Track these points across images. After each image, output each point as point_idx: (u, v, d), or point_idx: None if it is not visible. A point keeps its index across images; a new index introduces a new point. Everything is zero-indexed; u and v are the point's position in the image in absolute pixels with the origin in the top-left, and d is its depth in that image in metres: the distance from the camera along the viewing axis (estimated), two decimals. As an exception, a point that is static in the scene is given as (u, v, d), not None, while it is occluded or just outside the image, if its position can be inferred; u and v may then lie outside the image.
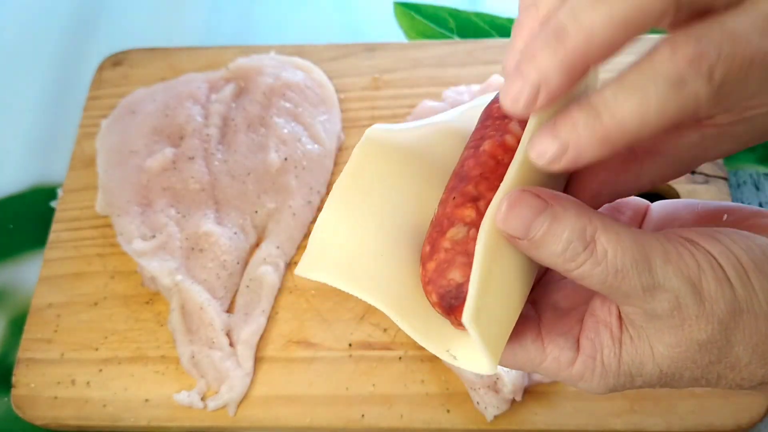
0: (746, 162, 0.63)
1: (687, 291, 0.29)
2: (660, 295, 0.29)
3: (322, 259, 0.32)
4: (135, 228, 0.58)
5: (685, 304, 0.29)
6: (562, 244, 0.29)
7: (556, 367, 0.33)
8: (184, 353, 0.54)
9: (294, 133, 0.61)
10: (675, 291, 0.29)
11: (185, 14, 0.75)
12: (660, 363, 0.31)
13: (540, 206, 0.29)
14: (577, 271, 0.29)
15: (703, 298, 0.30)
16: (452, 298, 0.31)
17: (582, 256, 0.29)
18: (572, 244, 0.29)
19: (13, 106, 0.70)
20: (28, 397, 0.54)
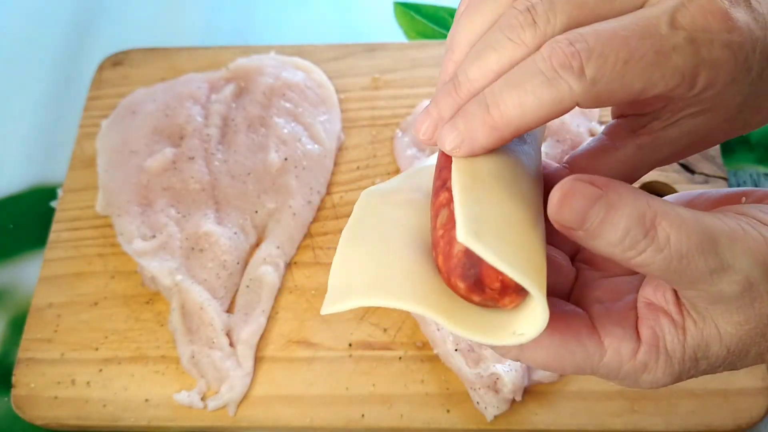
0: (746, 162, 0.64)
1: (758, 269, 0.29)
2: (729, 277, 0.28)
3: (348, 288, 0.31)
4: (135, 228, 0.58)
5: (755, 282, 0.29)
6: (621, 233, 0.28)
7: (617, 361, 0.31)
8: (184, 353, 0.54)
9: (294, 133, 0.61)
10: (745, 271, 0.29)
11: (185, 14, 0.76)
12: (728, 343, 0.31)
13: (595, 195, 0.28)
14: (638, 259, 0.28)
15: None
16: (469, 268, 0.29)
17: (642, 244, 0.28)
18: (631, 232, 0.28)
19: (14, 106, 0.70)
20: (28, 396, 0.54)
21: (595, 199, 0.28)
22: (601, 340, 0.31)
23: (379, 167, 0.62)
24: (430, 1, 0.74)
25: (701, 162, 0.60)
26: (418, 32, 0.73)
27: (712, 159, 0.60)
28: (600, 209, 0.28)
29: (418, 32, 0.73)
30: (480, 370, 0.50)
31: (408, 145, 0.61)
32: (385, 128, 0.64)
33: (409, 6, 0.74)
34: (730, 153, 0.64)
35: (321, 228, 0.60)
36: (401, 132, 0.63)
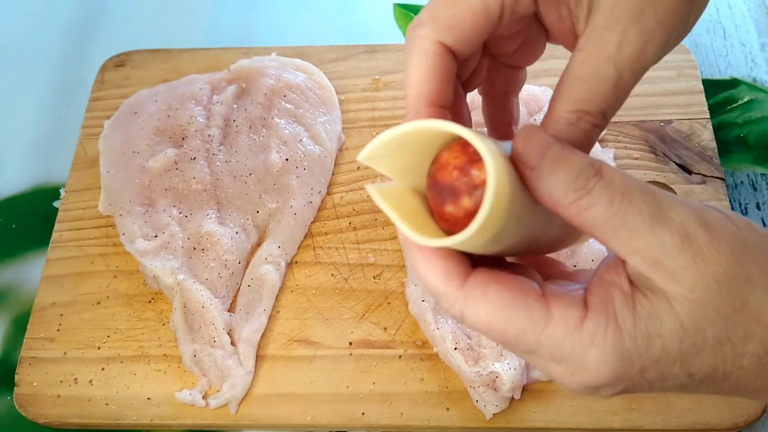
0: (743, 162, 0.64)
1: (694, 219, 0.29)
2: (667, 225, 0.29)
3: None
4: (137, 228, 0.58)
5: (693, 232, 0.29)
6: (575, 170, 0.30)
7: (563, 329, 0.30)
8: (185, 352, 0.54)
9: (295, 134, 0.62)
10: (681, 220, 0.29)
11: (187, 16, 0.76)
12: (680, 313, 0.29)
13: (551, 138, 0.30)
14: (585, 200, 0.29)
15: (710, 226, 0.30)
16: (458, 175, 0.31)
17: (592, 181, 0.29)
18: (584, 170, 0.30)
19: (16, 106, 0.71)
20: (31, 395, 0.54)
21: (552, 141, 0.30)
22: (548, 306, 0.31)
23: (380, 168, 0.63)
24: (430, 3, 0.75)
25: (699, 163, 0.60)
26: (418, 34, 0.73)
27: (710, 159, 0.61)
28: (558, 147, 0.30)
29: (418, 34, 0.73)
30: (479, 369, 0.51)
31: (408, 146, 0.62)
32: (386, 129, 0.64)
33: (409, 7, 0.75)
34: (728, 154, 0.64)
35: (322, 228, 0.60)
36: (401, 133, 0.63)
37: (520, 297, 0.30)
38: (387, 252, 0.58)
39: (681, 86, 0.64)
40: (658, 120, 0.63)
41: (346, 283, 0.57)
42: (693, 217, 0.30)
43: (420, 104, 0.34)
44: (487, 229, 0.29)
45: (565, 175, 0.30)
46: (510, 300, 0.30)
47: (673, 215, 0.29)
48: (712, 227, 0.30)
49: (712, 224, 0.30)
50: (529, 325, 0.30)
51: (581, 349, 0.30)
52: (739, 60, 0.69)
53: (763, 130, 0.65)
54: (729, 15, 0.73)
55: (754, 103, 0.67)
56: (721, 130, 0.65)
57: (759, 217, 0.61)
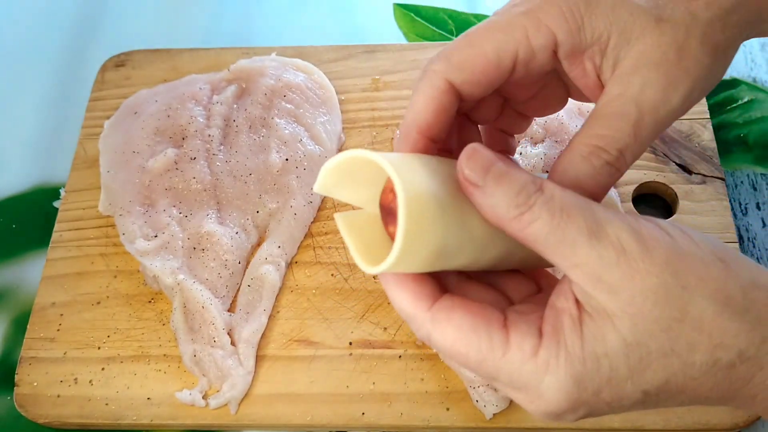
0: (743, 163, 0.64)
1: (628, 232, 0.30)
2: (604, 240, 0.30)
3: None
4: (137, 228, 0.58)
5: (629, 247, 0.30)
6: (517, 187, 0.31)
7: (519, 357, 0.31)
8: (185, 352, 0.54)
9: (295, 134, 0.62)
10: (617, 234, 0.30)
11: (187, 16, 0.76)
12: (621, 329, 0.30)
13: (494, 157, 0.32)
14: (527, 215, 0.30)
15: (644, 238, 0.30)
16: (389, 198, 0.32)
17: (533, 197, 0.31)
18: (526, 186, 0.31)
19: (16, 106, 0.71)
20: (31, 395, 0.54)
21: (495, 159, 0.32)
22: (507, 336, 0.32)
23: (380, 168, 0.63)
24: (429, 3, 0.75)
25: (699, 163, 0.60)
26: (418, 34, 0.73)
27: (710, 159, 0.61)
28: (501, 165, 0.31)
29: (418, 34, 0.73)
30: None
31: (408, 146, 0.62)
32: (386, 129, 0.64)
33: (409, 8, 0.75)
34: (728, 153, 0.64)
35: (322, 228, 0.60)
36: (401, 133, 0.63)
37: (482, 324, 0.32)
38: (387, 252, 0.58)
39: (681, 86, 0.64)
40: (658, 120, 0.63)
41: (346, 283, 0.57)
42: (627, 230, 0.30)
43: (411, 131, 0.35)
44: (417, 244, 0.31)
45: (507, 191, 0.31)
46: (472, 326, 0.32)
47: (609, 230, 0.30)
48: (645, 238, 0.30)
49: (644, 236, 0.31)
50: (489, 351, 0.31)
51: (537, 376, 0.31)
52: (739, 60, 0.69)
53: (763, 130, 0.65)
54: (729, 15, 0.73)
55: (754, 103, 0.67)
56: (721, 130, 0.65)
57: (759, 217, 0.61)
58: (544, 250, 0.31)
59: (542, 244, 0.31)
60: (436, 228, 0.31)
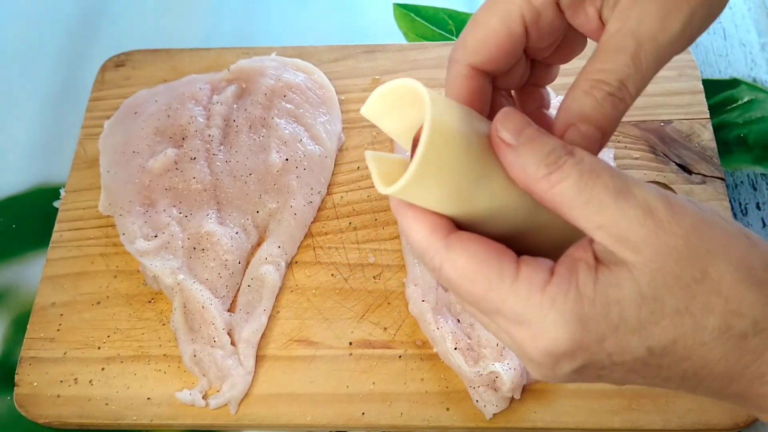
0: (743, 162, 0.64)
1: (656, 196, 0.31)
2: (631, 200, 0.30)
3: None
4: (137, 228, 0.58)
5: (655, 207, 0.30)
6: (548, 148, 0.31)
7: (527, 288, 0.31)
8: (185, 352, 0.54)
9: (295, 134, 0.62)
10: (644, 196, 0.31)
11: (187, 16, 0.76)
12: (639, 280, 0.30)
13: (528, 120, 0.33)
14: (556, 174, 0.31)
15: (672, 203, 0.31)
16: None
17: (563, 158, 0.31)
18: (556, 149, 0.32)
19: (16, 106, 0.71)
20: (31, 395, 0.54)
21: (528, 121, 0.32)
22: (518, 268, 0.32)
23: (380, 168, 0.63)
24: (429, 3, 0.75)
25: (699, 162, 0.60)
26: (418, 34, 0.73)
27: (710, 159, 0.61)
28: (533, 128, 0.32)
29: (418, 34, 0.73)
30: (479, 369, 0.51)
31: (408, 146, 0.62)
32: (386, 129, 0.64)
33: (409, 8, 0.75)
34: (728, 153, 0.64)
35: (322, 228, 0.60)
36: (401, 133, 0.63)
37: (495, 255, 0.32)
38: (387, 252, 0.58)
39: (681, 86, 0.64)
40: (658, 120, 0.63)
41: (346, 283, 0.57)
42: (656, 194, 0.31)
43: None
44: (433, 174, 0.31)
45: (539, 151, 0.31)
46: (485, 255, 0.32)
47: (637, 192, 0.31)
48: (674, 204, 0.31)
49: (673, 202, 0.31)
50: (498, 280, 0.31)
51: (542, 310, 0.31)
52: (739, 60, 0.69)
53: (763, 130, 0.65)
54: (729, 15, 0.73)
55: (754, 103, 0.67)
56: (721, 130, 0.65)
57: (759, 217, 0.61)
58: (570, 212, 0.31)
59: (568, 205, 0.31)
60: (454, 164, 0.31)
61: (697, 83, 0.64)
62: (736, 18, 0.72)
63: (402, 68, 0.67)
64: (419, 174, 0.31)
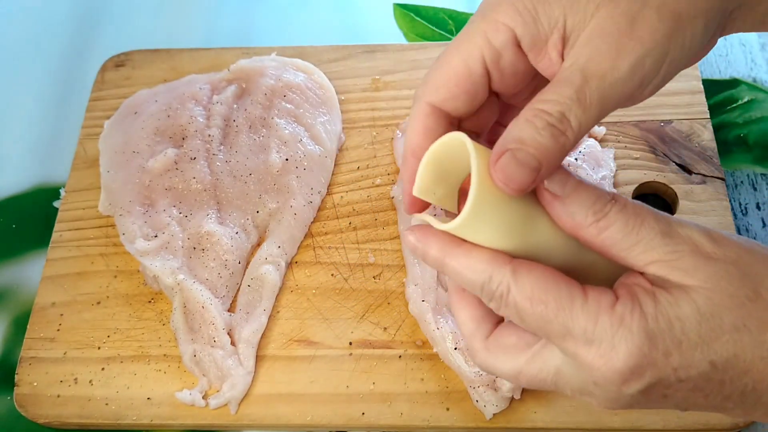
0: (743, 162, 0.64)
1: (699, 232, 0.33)
2: (677, 238, 0.33)
3: None
4: (137, 228, 0.58)
5: (701, 243, 0.33)
6: (593, 197, 0.34)
7: (596, 308, 0.33)
8: (185, 352, 0.54)
9: (295, 134, 0.62)
10: (688, 233, 0.33)
11: (187, 16, 0.76)
12: (696, 299, 0.32)
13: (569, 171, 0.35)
14: (602, 222, 0.33)
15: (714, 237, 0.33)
16: None
17: (608, 205, 0.34)
18: (601, 197, 0.34)
19: (16, 106, 0.71)
20: (31, 395, 0.54)
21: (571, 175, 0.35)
22: (585, 292, 0.34)
23: (380, 167, 0.63)
24: (429, 3, 0.75)
25: (699, 162, 0.60)
26: (418, 34, 0.73)
27: (710, 159, 0.61)
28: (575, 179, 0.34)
29: (418, 34, 0.73)
30: (479, 369, 0.51)
31: (408, 146, 0.62)
32: (386, 129, 0.64)
33: (409, 8, 0.75)
34: (728, 153, 0.64)
35: (322, 228, 0.60)
36: (401, 133, 0.63)
37: (562, 279, 0.34)
38: (387, 252, 0.58)
39: (681, 86, 0.64)
40: (658, 120, 0.63)
41: (346, 283, 0.57)
42: (698, 230, 0.34)
43: (407, 156, 0.38)
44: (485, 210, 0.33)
45: (585, 200, 0.34)
46: (552, 278, 0.34)
47: (680, 231, 0.33)
48: (715, 237, 0.34)
49: (714, 235, 0.34)
50: (568, 301, 0.33)
51: (612, 328, 0.32)
52: (739, 60, 0.69)
53: (763, 130, 0.65)
54: (729, 15, 0.73)
55: (754, 103, 0.67)
56: (721, 130, 0.65)
57: (759, 217, 0.61)
58: (618, 254, 0.34)
59: (617, 248, 0.34)
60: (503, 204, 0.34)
61: (697, 83, 0.64)
62: (736, 18, 0.72)
63: (402, 68, 0.67)
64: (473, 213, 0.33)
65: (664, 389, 0.33)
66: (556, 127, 0.33)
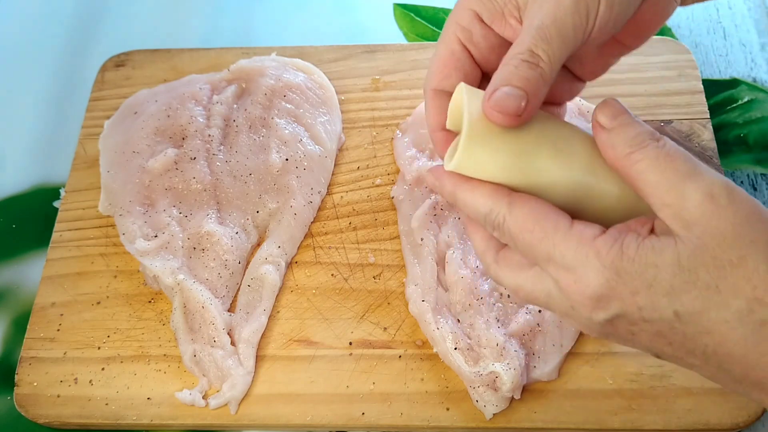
0: (743, 163, 0.64)
1: (721, 183, 0.34)
2: (697, 183, 0.34)
3: None
4: (138, 228, 0.58)
5: (717, 193, 0.34)
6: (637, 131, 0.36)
7: (577, 239, 0.36)
8: (185, 352, 0.54)
9: (295, 134, 0.62)
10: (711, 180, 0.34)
11: (187, 16, 0.76)
12: (680, 251, 0.34)
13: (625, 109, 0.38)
14: (639, 152, 0.36)
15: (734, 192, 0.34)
16: None
17: (647, 141, 0.36)
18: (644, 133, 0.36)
19: (17, 106, 0.71)
20: (31, 395, 0.54)
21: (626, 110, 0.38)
22: (572, 223, 0.37)
23: (380, 167, 0.63)
24: (429, 3, 0.75)
25: (699, 162, 0.60)
26: (418, 34, 0.73)
27: (710, 159, 0.61)
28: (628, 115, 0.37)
29: (418, 34, 0.73)
30: (479, 369, 0.51)
31: (408, 146, 0.62)
32: (386, 129, 0.64)
33: (409, 8, 0.75)
34: (728, 154, 0.64)
35: (322, 228, 0.60)
36: (401, 132, 0.63)
37: (552, 211, 0.37)
38: (387, 252, 0.58)
39: (681, 86, 0.64)
40: (658, 120, 0.63)
41: (346, 283, 0.57)
42: (721, 181, 0.34)
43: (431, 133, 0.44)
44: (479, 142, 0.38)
45: (628, 134, 0.36)
46: (543, 210, 0.37)
47: (705, 176, 0.34)
48: (735, 193, 0.34)
49: (735, 191, 0.34)
50: (553, 230, 0.36)
51: (587, 258, 0.35)
52: (739, 60, 0.69)
53: (763, 130, 0.65)
54: (729, 15, 0.73)
55: (754, 103, 0.67)
56: (721, 130, 0.65)
57: (759, 217, 0.61)
58: (644, 188, 0.36)
59: (643, 182, 0.35)
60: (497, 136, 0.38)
61: (697, 83, 0.64)
62: (736, 18, 0.72)
63: (402, 68, 0.67)
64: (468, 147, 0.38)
65: (629, 325, 0.36)
66: (530, 61, 0.38)
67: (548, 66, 0.39)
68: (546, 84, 0.39)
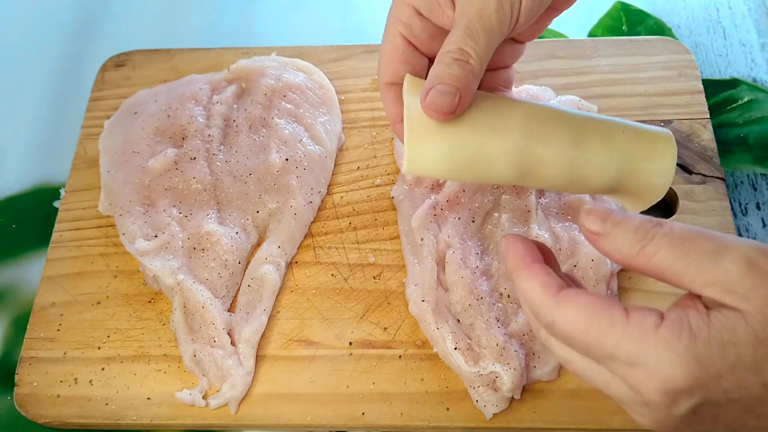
0: (743, 162, 0.64)
1: (751, 246, 0.33)
2: (730, 255, 0.33)
3: None
4: (138, 228, 0.58)
5: (755, 259, 0.33)
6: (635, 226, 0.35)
7: (639, 331, 0.33)
8: (186, 352, 0.54)
9: (295, 134, 0.62)
10: (743, 249, 0.33)
11: (187, 16, 0.76)
12: (753, 324, 0.32)
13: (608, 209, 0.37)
14: (649, 247, 0.34)
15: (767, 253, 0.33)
16: None
17: (652, 231, 0.35)
18: (643, 224, 0.35)
19: (17, 106, 0.71)
20: (31, 395, 0.54)
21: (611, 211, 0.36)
22: (628, 315, 0.34)
23: (380, 167, 0.63)
24: (430, 3, 0.75)
25: (699, 162, 0.60)
26: (418, 34, 0.73)
27: (710, 159, 0.61)
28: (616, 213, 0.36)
29: (418, 34, 0.73)
30: (479, 369, 0.51)
31: (408, 146, 0.62)
32: (386, 129, 0.64)
33: (409, 8, 0.75)
34: (728, 154, 0.64)
35: (322, 228, 0.60)
36: (401, 133, 0.63)
37: (603, 304, 0.35)
38: (387, 252, 0.58)
39: (681, 86, 0.64)
40: (658, 120, 0.63)
41: (346, 283, 0.57)
42: (753, 246, 0.33)
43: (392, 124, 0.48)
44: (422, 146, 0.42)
45: (627, 230, 0.35)
46: (594, 305, 0.35)
47: (734, 246, 0.33)
48: None
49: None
50: (609, 327, 0.34)
51: (656, 351, 0.33)
52: (739, 60, 0.70)
53: (763, 130, 0.65)
54: (729, 15, 0.73)
55: (754, 103, 0.67)
56: (721, 130, 0.65)
57: (759, 217, 0.61)
58: (672, 277, 0.34)
59: (669, 272, 0.34)
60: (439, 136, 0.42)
61: (697, 83, 0.64)
62: (736, 18, 0.72)
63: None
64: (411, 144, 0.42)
65: (714, 408, 0.34)
66: (459, 59, 0.40)
67: (477, 61, 0.41)
68: (476, 78, 0.41)
